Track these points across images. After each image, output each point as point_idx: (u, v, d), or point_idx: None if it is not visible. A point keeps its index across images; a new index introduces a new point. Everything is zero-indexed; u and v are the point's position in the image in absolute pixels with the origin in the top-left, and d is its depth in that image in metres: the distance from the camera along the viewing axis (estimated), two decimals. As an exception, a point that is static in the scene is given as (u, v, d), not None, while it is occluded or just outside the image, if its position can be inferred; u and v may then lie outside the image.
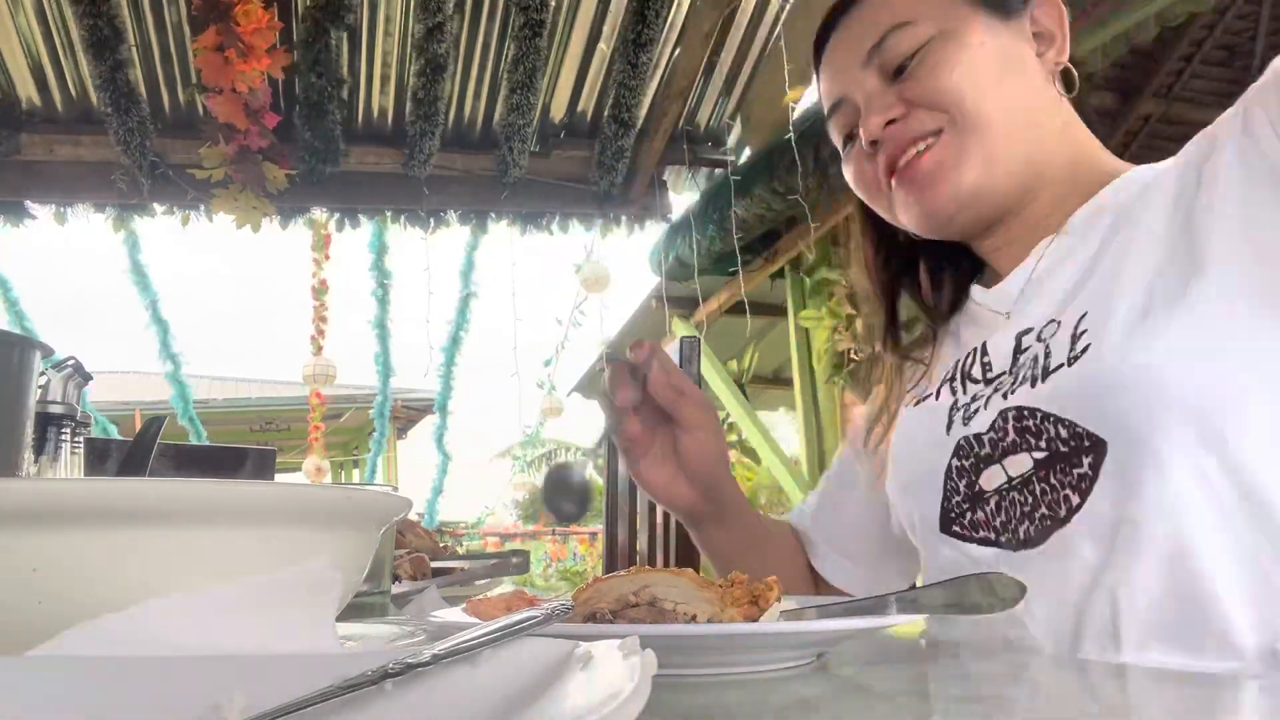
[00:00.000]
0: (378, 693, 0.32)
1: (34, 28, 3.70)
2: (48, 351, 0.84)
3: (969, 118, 0.80)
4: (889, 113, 0.83)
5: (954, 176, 0.81)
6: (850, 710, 0.46)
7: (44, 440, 1.08)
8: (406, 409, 9.73)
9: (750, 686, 0.49)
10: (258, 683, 0.32)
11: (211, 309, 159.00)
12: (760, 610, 0.55)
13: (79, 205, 4.27)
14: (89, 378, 1.17)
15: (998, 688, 0.51)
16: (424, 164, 4.22)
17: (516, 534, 14.57)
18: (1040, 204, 0.84)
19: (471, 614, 0.57)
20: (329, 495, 0.45)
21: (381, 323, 6.06)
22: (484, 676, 0.35)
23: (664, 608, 0.55)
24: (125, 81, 3.66)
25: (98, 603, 0.37)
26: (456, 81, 4.10)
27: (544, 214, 4.67)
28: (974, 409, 0.80)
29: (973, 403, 0.81)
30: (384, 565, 0.97)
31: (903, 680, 0.56)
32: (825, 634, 0.54)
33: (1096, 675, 0.54)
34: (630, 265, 6.27)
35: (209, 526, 0.39)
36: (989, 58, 0.81)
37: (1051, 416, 0.72)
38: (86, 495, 0.38)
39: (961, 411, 0.81)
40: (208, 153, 3.73)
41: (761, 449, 5.62)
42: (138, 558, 0.38)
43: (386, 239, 5.55)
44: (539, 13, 3.63)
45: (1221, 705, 0.45)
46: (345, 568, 0.46)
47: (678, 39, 3.93)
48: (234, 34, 3.34)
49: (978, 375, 0.83)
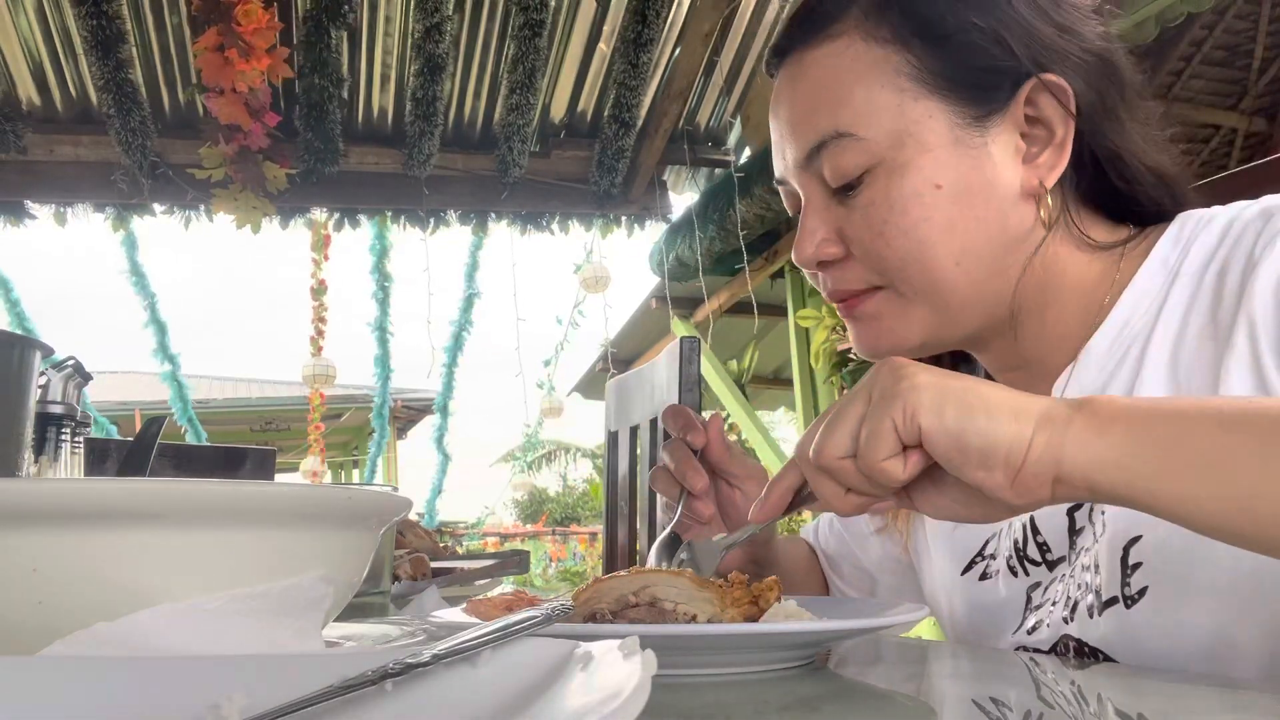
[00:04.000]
0: (378, 693, 0.32)
1: (34, 28, 3.70)
2: (48, 351, 0.84)
3: (912, 286, 0.70)
4: (824, 249, 0.72)
5: (899, 329, 0.72)
6: (850, 710, 0.46)
7: (44, 440, 1.08)
8: (406, 409, 9.73)
9: (750, 686, 0.49)
10: (257, 683, 0.32)
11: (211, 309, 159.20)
12: (760, 610, 0.55)
13: (79, 205, 4.26)
14: (89, 378, 1.17)
15: (997, 688, 0.51)
16: (424, 164, 4.22)
17: (516, 534, 14.57)
18: (1029, 330, 0.73)
19: (471, 614, 0.57)
20: (329, 495, 0.45)
21: (381, 323, 6.06)
22: (484, 676, 0.35)
23: (664, 608, 0.55)
24: (126, 82, 3.66)
25: (97, 603, 0.37)
26: (456, 81, 4.10)
27: (544, 214, 4.67)
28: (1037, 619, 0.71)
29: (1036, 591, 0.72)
30: (384, 565, 0.97)
31: (903, 680, 0.56)
32: (825, 634, 0.54)
33: (1097, 676, 0.54)
34: (630, 265, 6.28)
35: (209, 527, 0.39)
36: (944, 203, 0.67)
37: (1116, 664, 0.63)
38: (86, 495, 0.38)
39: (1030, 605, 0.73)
40: (208, 153, 3.73)
41: (761, 449, 5.62)
42: (137, 557, 0.38)
43: (388, 240, 5.55)
44: (539, 13, 3.63)
45: (1223, 704, 0.45)
46: (342, 570, 0.46)
47: (678, 39, 3.93)
48: (234, 34, 3.34)
49: (1036, 557, 0.73)
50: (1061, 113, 0.68)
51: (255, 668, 0.34)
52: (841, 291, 0.73)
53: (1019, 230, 0.69)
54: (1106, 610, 0.64)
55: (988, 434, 0.50)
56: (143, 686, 0.32)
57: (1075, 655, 0.66)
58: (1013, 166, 0.69)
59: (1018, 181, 0.69)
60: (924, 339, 0.72)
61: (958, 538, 0.80)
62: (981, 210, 0.68)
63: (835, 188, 0.71)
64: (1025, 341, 0.73)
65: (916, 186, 0.67)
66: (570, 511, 22.05)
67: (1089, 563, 0.66)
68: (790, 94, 0.74)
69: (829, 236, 0.72)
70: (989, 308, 0.71)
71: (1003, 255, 0.69)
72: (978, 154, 0.68)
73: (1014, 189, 0.69)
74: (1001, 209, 0.68)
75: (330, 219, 4.67)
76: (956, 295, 0.69)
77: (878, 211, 0.69)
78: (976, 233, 0.68)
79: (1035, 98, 0.68)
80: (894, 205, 0.68)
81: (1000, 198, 0.68)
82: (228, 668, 0.34)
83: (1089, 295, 0.71)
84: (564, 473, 21.82)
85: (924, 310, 0.70)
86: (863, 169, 0.69)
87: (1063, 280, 0.71)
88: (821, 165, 0.71)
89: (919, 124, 0.68)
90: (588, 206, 4.64)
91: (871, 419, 0.53)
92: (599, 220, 4.76)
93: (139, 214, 4.42)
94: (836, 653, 0.62)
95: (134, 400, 7.41)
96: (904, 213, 0.68)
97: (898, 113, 0.68)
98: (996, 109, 0.68)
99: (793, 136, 0.73)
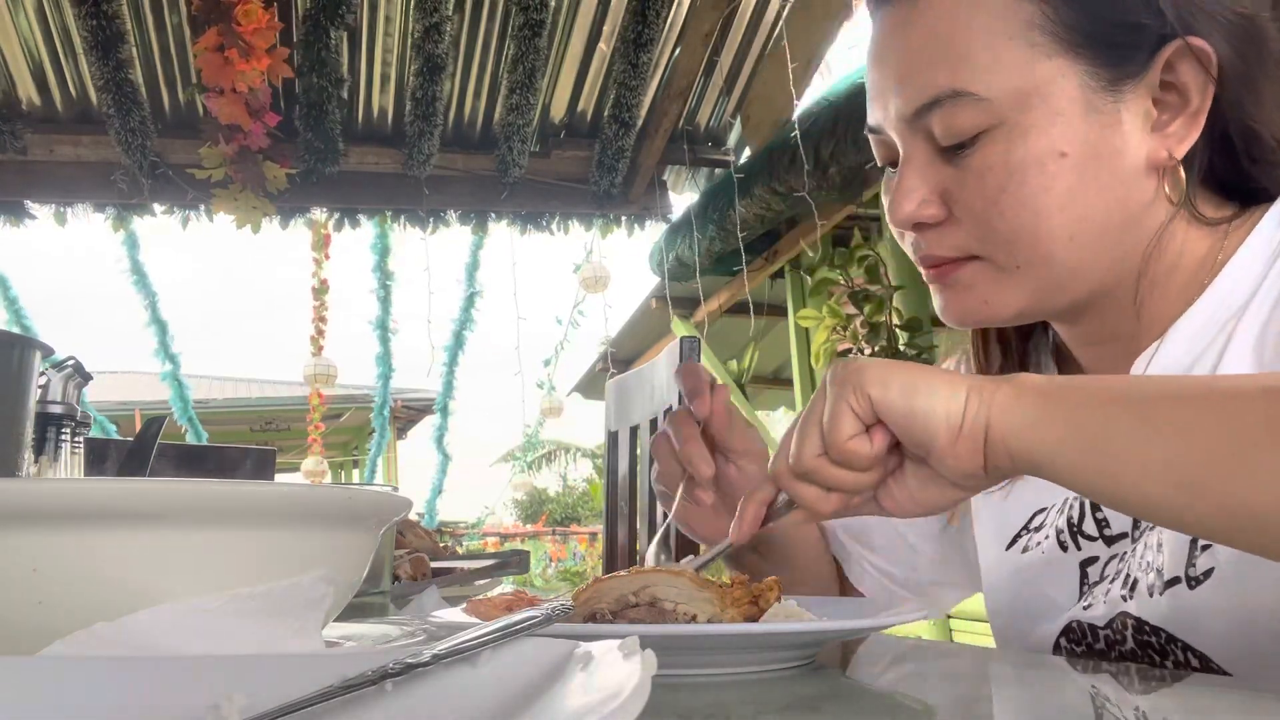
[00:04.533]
0: (378, 693, 0.32)
1: (34, 28, 3.70)
2: (48, 351, 0.84)
3: (1018, 258, 0.65)
4: (923, 210, 0.67)
5: (995, 300, 0.67)
6: (850, 710, 0.46)
7: (44, 440, 1.08)
8: (406, 409, 9.73)
9: (750, 686, 0.49)
10: (257, 683, 0.32)
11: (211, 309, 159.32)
12: (760, 610, 0.55)
13: (79, 205, 4.26)
14: (89, 378, 1.17)
15: (997, 687, 0.51)
16: (424, 164, 4.22)
17: (516, 534, 14.57)
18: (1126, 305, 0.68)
19: (472, 615, 0.57)
20: (329, 496, 0.45)
21: (382, 323, 6.07)
22: (484, 676, 0.35)
23: (664, 608, 0.55)
24: (126, 82, 3.66)
25: (97, 603, 0.37)
26: (456, 81, 4.10)
27: (544, 214, 4.67)
28: (1093, 597, 0.68)
29: (1092, 566, 0.69)
30: (384, 565, 0.97)
31: (903, 680, 0.56)
32: (825, 634, 0.54)
33: (1097, 676, 0.54)
34: (630, 265, 6.27)
35: (209, 527, 0.39)
36: (1067, 172, 0.62)
37: (1179, 642, 0.61)
38: (86, 495, 0.38)
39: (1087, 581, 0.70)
40: (208, 153, 3.73)
41: (761, 449, 5.61)
42: (137, 557, 0.38)
43: (389, 240, 5.55)
44: (539, 13, 3.63)
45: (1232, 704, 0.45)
46: (342, 570, 0.46)
47: (678, 39, 3.93)
48: (234, 34, 3.34)
49: (1093, 532, 0.69)
50: (1202, 80, 0.62)
51: (255, 668, 0.34)
52: (934, 257, 0.68)
53: (1139, 205, 0.64)
54: (1169, 590, 0.61)
55: (930, 397, 0.53)
56: (142, 686, 0.32)
57: (1134, 633, 0.63)
58: (1142, 135, 0.63)
59: (1145, 152, 0.63)
60: (1020, 310, 0.68)
61: (1005, 511, 0.77)
62: (1106, 181, 0.63)
63: (945, 146, 0.65)
64: (1120, 316, 0.69)
65: (1040, 153, 0.62)
66: (570, 511, 22.05)
67: (1153, 541, 0.63)
68: (901, 41, 0.67)
69: (930, 197, 0.66)
70: (1095, 284, 0.67)
71: (1119, 231, 0.65)
72: (1109, 120, 0.62)
73: (1140, 160, 0.63)
74: (1125, 181, 0.63)
75: (330, 219, 4.67)
76: (1064, 270, 0.65)
77: (994, 177, 0.63)
78: (1097, 206, 0.63)
79: (1176, 62, 0.62)
80: (1013, 171, 0.63)
81: (1126, 169, 0.63)
82: (228, 668, 0.34)
83: (1192, 274, 0.66)
84: (564, 473, 21.84)
85: (1025, 282, 0.66)
86: (980, 129, 0.63)
87: (1169, 257, 0.66)
88: (931, 122, 0.65)
89: (1049, 84, 0.62)
90: (588, 206, 4.64)
91: (830, 408, 0.56)
92: (599, 220, 4.76)
93: (139, 214, 4.43)
94: (837, 653, 0.62)
95: (134, 400, 7.41)
96: (1023, 181, 0.62)
97: (1026, 70, 0.62)
98: (1134, 71, 0.62)
99: (900, 89, 0.66)
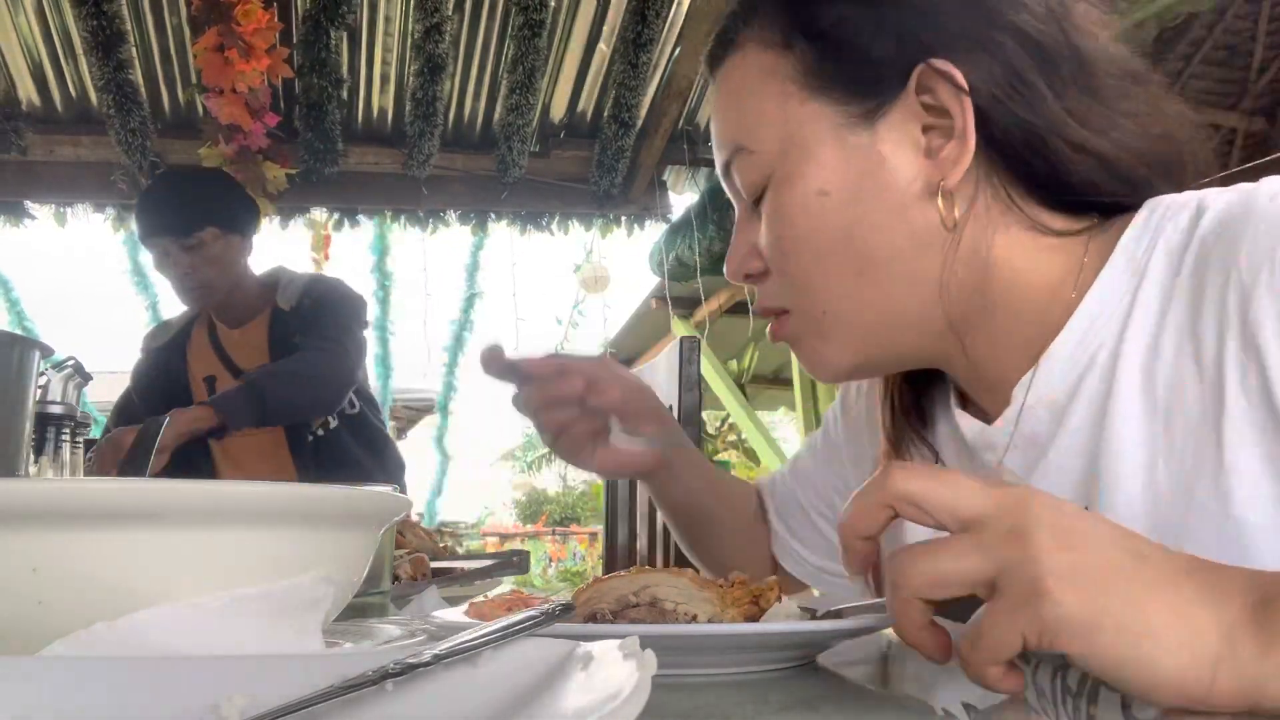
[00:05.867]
0: (378, 693, 0.32)
1: (34, 28, 3.70)
2: (48, 351, 0.84)
3: (820, 301, 0.66)
4: (747, 264, 0.70)
5: (824, 351, 0.69)
6: (850, 710, 0.46)
7: (44, 440, 1.08)
8: (406, 409, 9.73)
9: (750, 686, 0.49)
10: (257, 683, 0.32)
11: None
12: (760, 610, 0.55)
13: (79, 205, 4.26)
14: (89, 378, 1.17)
15: (998, 688, 0.51)
16: (424, 164, 4.22)
17: (516, 534, 14.57)
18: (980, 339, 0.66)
19: (472, 617, 0.57)
20: (329, 495, 0.45)
21: (382, 323, 6.07)
22: (484, 677, 0.35)
23: (664, 608, 0.55)
24: (126, 82, 3.66)
25: (97, 603, 0.37)
26: (456, 81, 4.09)
27: (544, 214, 4.66)
28: None
29: None
30: (384, 565, 0.97)
31: (903, 680, 0.56)
32: (825, 634, 0.54)
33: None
34: (630, 265, 6.27)
35: (209, 527, 0.39)
36: (834, 210, 0.63)
37: None
38: (86, 495, 0.38)
39: None
40: (208, 153, 3.73)
41: (761, 449, 5.62)
42: (137, 557, 0.38)
43: (388, 239, 5.55)
44: (539, 13, 3.63)
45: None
46: (342, 570, 0.46)
47: (678, 39, 3.93)
48: (234, 34, 3.34)
49: None
50: (958, 98, 0.60)
51: (255, 668, 0.34)
52: (765, 309, 0.71)
53: (930, 231, 0.63)
54: None
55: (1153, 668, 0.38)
56: (142, 686, 0.32)
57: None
58: (911, 163, 0.63)
59: (919, 179, 0.62)
60: (855, 362, 0.68)
61: None
62: (879, 215, 0.63)
63: (751, 200, 0.69)
64: (979, 352, 0.66)
65: (803, 195, 0.64)
66: (570, 511, 22.05)
67: None
68: (713, 105, 0.72)
69: (751, 252, 0.69)
70: (918, 319, 0.65)
71: (913, 261, 0.63)
72: (866, 154, 0.63)
73: (915, 187, 0.62)
74: (901, 210, 0.63)
75: (330, 219, 4.67)
76: (870, 309, 0.65)
77: (774, 226, 0.66)
78: (876, 239, 0.63)
79: (930, 85, 0.61)
80: (784, 217, 0.65)
81: (900, 198, 0.62)
82: (228, 668, 0.34)
83: (1050, 293, 0.63)
84: (564, 473, 21.83)
85: (839, 329, 0.66)
86: (761, 183, 0.66)
87: (1013, 278, 0.63)
88: (733, 177, 0.69)
89: (802, 128, 0.64)
90: (587, 206, 4.64)
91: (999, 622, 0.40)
92: (599, 220, 4.75)
93: (139, 214, 4.42)
94: (836, 653, 0.62)
95: (134, 400, 7.39)
96: (793, 224, 0.65)
97: (782, 119, 0.65)
98: (886, 102, 0.63)
99: (715, 150, 0.71)
